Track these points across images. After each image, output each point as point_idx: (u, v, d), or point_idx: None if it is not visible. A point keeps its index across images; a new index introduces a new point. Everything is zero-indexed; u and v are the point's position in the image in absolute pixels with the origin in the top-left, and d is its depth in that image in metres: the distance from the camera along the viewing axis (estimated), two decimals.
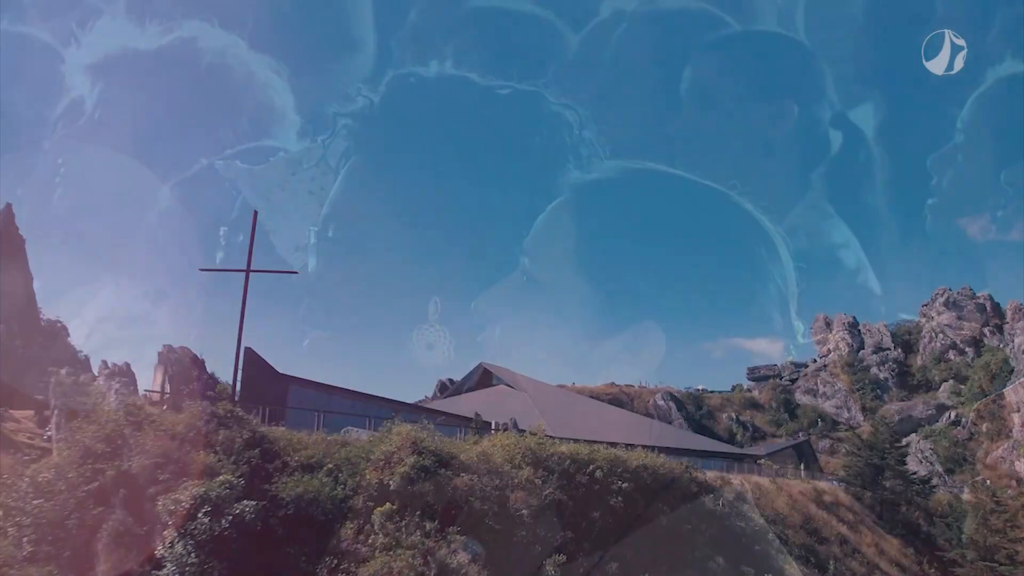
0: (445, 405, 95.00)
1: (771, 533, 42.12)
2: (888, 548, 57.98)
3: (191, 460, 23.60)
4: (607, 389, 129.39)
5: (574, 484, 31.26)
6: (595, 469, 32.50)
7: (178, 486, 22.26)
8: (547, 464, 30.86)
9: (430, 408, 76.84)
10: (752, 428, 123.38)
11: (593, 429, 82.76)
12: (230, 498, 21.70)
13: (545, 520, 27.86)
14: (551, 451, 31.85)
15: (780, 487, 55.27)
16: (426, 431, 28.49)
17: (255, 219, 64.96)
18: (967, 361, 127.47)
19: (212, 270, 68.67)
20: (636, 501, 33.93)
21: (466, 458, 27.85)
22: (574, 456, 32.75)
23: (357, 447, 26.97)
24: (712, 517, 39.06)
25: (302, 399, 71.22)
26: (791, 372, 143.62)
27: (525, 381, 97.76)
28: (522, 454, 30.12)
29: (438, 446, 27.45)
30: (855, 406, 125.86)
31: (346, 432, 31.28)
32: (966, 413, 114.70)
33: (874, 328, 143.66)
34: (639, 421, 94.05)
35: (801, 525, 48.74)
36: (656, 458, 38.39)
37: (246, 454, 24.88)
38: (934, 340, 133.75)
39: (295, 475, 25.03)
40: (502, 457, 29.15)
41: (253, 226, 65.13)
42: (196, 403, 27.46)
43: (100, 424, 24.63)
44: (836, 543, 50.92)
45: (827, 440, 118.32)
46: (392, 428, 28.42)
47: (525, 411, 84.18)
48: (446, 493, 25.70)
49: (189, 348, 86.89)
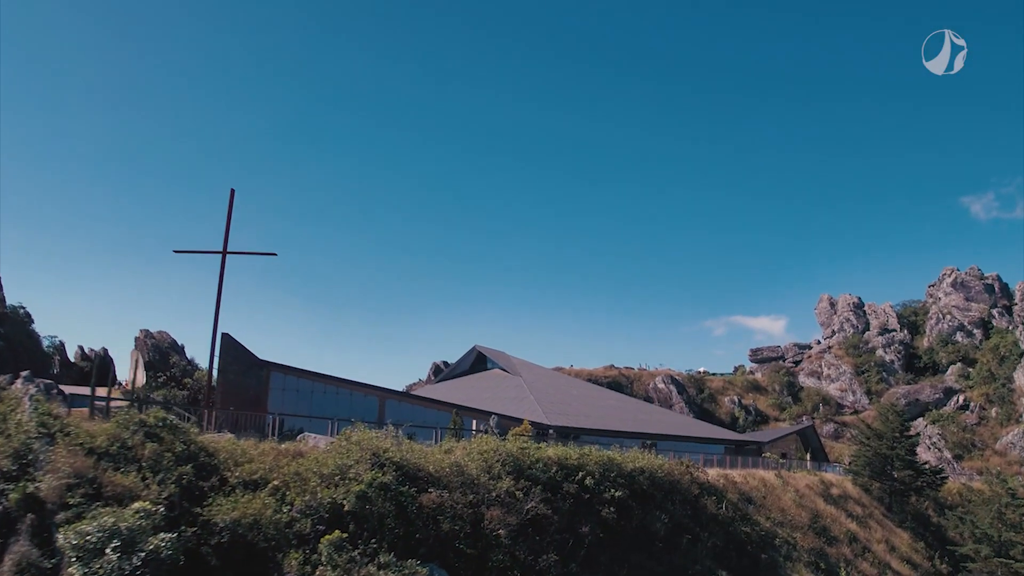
0: (438, 390, 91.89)
1: (779, 538, 38.89)
2: (899, 543, 54.96)
3: (107, 481, 20.16)
4: (606, 371, 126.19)
5: (560, 495, 27.80)
6: (585, 476, 29.09)
7: (89, 513, 18.88)
8: (530, 473, 27.39)
9: (419, 396, 73.61)
10: (755, 412, 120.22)
11: (589, 416, 79.72)
12: (146, 529, 18.29)
13: (526, 540, 24.48)
14: (535, 457, 28.39)
15: (786, 481, 52.10)
16: (391, 438, 24.94)
17: (232, 198, 61.44)
18: (975, 343, 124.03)
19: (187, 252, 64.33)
20: (631, 510, 30.57)
21: (436, 469, 24.34)
22: (562, 461, 29.32)
23: (310, 459, 23.35)
24: (715, 523, 35.79)
25: (284, 386, 68.07)
26: (795, 354, 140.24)
27: (520, 365, 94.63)
28: (502, 462, 26.65)
29: (404, 457, 23.93)
30: (860, 389, 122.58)
31: (302, 439, 27.63)
32: (974, 397, 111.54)
33: (879, 309, 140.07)
34: (638, 407, 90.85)
35: (809, 525, 45.50)
36: (654, 459, 35.02)
37: (176, 471, 21.35)
38: (941, 321, 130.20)
39: (234, 495, 21.53)
40: (478, 467, 25.64)
41: (230, 205, 61.41)
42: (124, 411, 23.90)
43: (7, 437, 21.24)
44: (846, 542, 47.78)
45: (832, 424, 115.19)
46: (352, 435, 24.75)
47: (519, 397, 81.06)
48: (409, 514, 22.24)
49: (168, 333, 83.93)
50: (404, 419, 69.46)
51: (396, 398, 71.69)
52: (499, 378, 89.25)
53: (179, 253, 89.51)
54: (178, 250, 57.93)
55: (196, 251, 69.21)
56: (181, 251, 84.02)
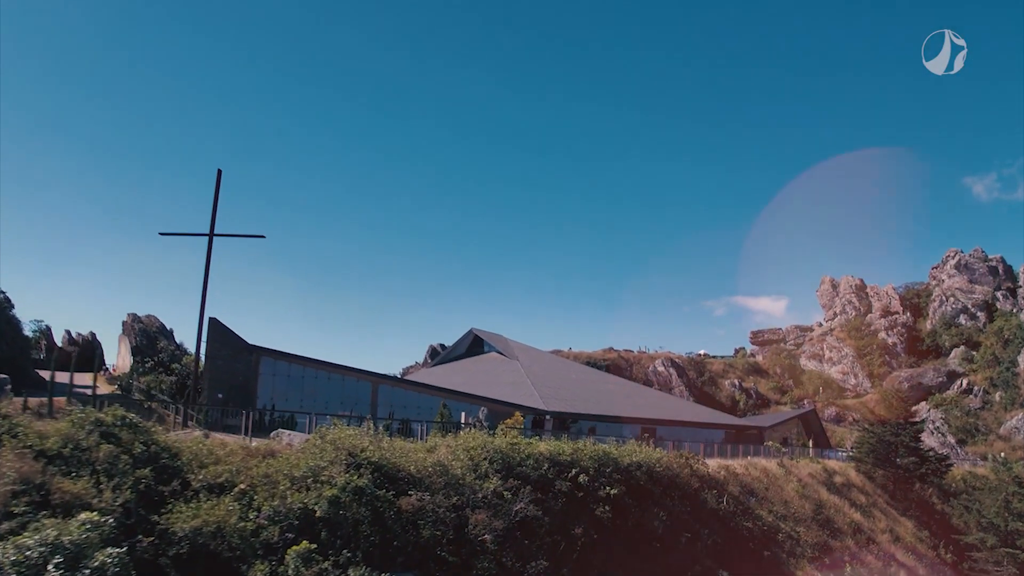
0: (433, 374, 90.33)
1: (782, 533, 37.35)
2: (903, 533, 53.58)
3: (56, 487, 18.51)
4: (606, 354, 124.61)
5: (553, 495, 26.16)
6: (579, 474, 27.45)
7: (32, 524, 17.24)
8: (520, 471, 25.71)
9: (412, 381, 72.03)
10: (756, 395, 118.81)
11: (587, 401, 78.18)
12: (93, 543, 16.64)
13: (513, 545, 22.84)
14: (526, 453, 26.72)
15: (789, 470, 50.61)
16: (369, 436, 23.20)
17: (219, 179, 59.41)
18: (979, 326, 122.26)
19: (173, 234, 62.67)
20: (627, 508, 28.97)
21: (418, 470, 22.64)
22: (554, 457, 27.65)
23: (281, 460, 21.65)
24: (715, 519, 34.23)
25: (274, 371, 66.40)
26: (796, 336, 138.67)
27: (518, 348, 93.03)
28: (489, 459, 24.99)
29: (383, 456, 22.22)
30: (862, 372, 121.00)
31: (275, 436, 25.89)
32: (978, 381, 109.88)
33: (882, 291, 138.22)
34: (637, 391, 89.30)
35: (813, 517, 43.99)
36: (652, 452, 33.39)
37: (133, 475, 19.66)
38: (944, 304, 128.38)
39: (196, 500, 19.85)
40: (463, 466, 23.95)
41: (217, 186, 59.27)
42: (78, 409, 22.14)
43: None
44: (850, 533, 46.33)
45: (833, 408, 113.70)
46: (327, 433, 22.99)
47: (516, 381, 79.45)
48: (387, 520, 20.57)
49: (157, 317, 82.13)
50: (397, 404, 68.08)
51: (389, 383, 70.08)
52: (496, 362, 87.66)
53: (165, 236, 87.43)
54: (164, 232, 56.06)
55: (183, 233, 67.37)
56: (167, 233, 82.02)
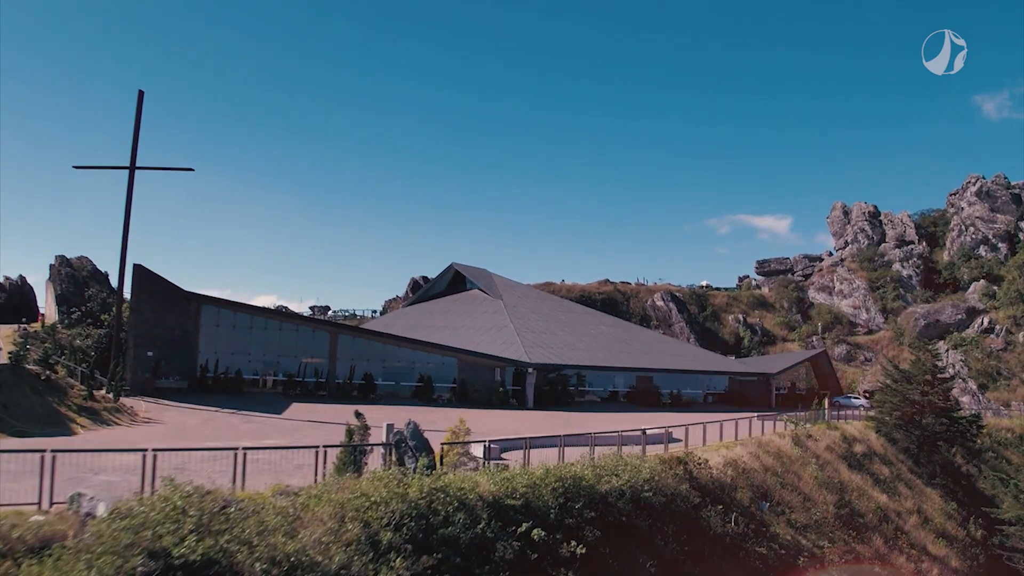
0: (409, 314, 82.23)
1: (803, 556, 29.68)
2: (931, 511, 46.70)
3: None
4: (600, 287, 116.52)
5: (492, 567, 17.99)
6: (532, 528, 19.30)
7: None
8: (444, 534, 17.39)
9: (373, 331, 63.94)
10: (761, 331, 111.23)
11: (576, 348, 70.38)
12: None
13: None
14: (457, 501, 18.36)
15: (805, 448, 43.05)
16: (193, 509, 14.08)
17: (140, 101, 49.60)
18: (1000, 258, 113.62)
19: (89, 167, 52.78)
20: (602, 561, 21.03)
21: (263, 562, 13.73)
22: (499, 502, 19.44)
23: (48, 565, 13.10)
24: (720, 548, 26.54)
25: (218, 322, 58.04)
26: (804, 266, 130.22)
27: (502, 285, 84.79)
28: (395, 524, 16.57)
29: (209, 547, 13.30)
30: (875, 307, 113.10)
31: (73, 500, 17.20)
32: (1000, 319, 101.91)
33: (896, 219, 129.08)
34: (633, 334, 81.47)
35: (835, 513, 36.58)
36: (640, 467, 25.32)
37: None
38: (964, 234, 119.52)
39: None
40: (353, 545, 15.60)
41: (138, 111, 49.52)
42: None
43: None
44: (876, 525, 39.11)
45: (844, 345, 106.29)
46: (134, 507, 14.20)
47: (497, 325, 71.50)
48: None
49: (90, 259, 73.22)
50: (359, 356, 59.87)
51: (350, 333, 62.11)
52: (478, 301, 79.63)
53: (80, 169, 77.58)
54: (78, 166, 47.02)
55: (101, 167, 58.38)
56: (82, 167, 71.68)
